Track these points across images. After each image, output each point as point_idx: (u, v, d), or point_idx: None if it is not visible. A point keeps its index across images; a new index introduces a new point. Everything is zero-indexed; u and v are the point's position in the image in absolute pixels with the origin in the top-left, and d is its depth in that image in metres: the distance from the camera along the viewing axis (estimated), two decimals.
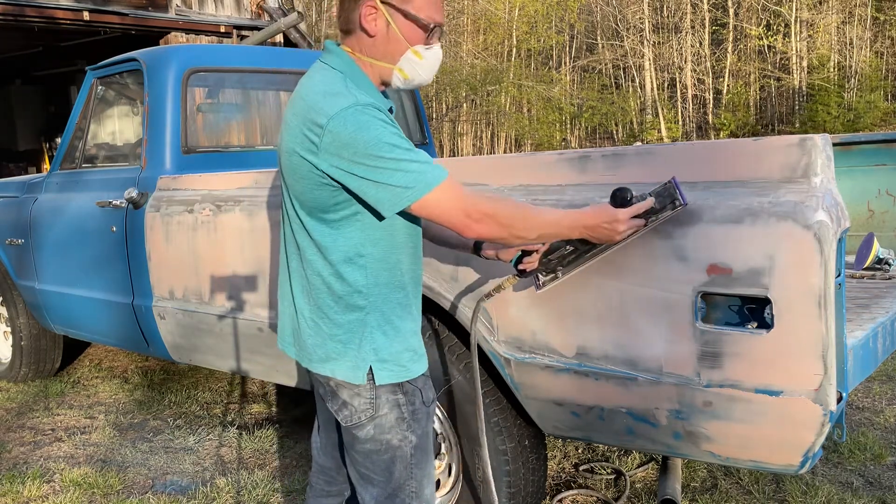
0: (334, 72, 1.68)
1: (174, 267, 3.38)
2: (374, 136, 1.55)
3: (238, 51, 4.26)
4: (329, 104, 1.58)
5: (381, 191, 1.58)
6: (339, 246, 1.68)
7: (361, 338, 1.71)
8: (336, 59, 1.70)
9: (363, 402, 1.74)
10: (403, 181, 1.56)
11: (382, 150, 1.55)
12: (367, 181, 1.57)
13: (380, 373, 1.72)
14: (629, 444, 2.18)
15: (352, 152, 1.56)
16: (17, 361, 4.82)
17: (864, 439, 3.43)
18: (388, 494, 1.80)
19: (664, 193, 1.77)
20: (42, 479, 3.41)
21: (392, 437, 1.76)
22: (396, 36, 1.68)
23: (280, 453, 3.61)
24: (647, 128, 28.26)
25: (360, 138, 1.55)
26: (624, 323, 2.00)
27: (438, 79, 24.46)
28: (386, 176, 1.56)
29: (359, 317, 1.71)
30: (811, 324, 1.74)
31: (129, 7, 9.10)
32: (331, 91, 1.60)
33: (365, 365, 1.71)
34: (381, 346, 1.72)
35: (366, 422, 1.75)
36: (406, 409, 1.76)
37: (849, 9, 27.42)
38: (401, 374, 1.74)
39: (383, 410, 1.74)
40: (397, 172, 1.56)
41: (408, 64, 1.70)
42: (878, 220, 3.52)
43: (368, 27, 1.67)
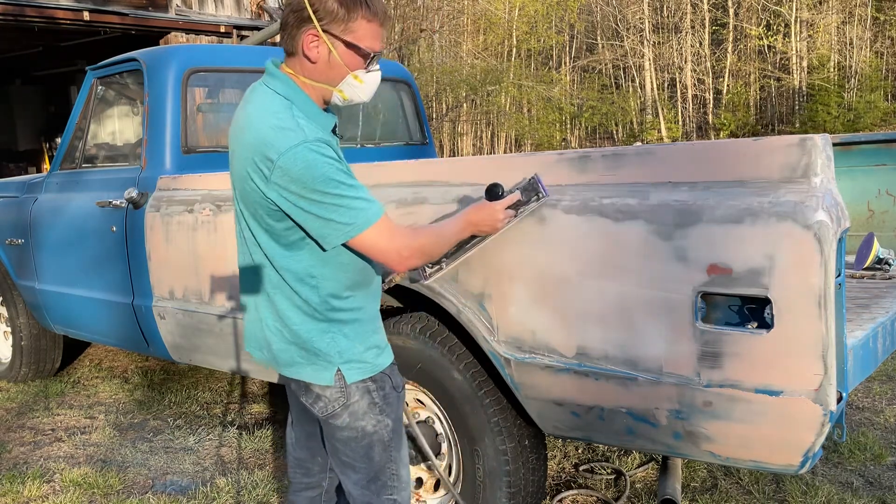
0: (279, 98, 1.75)
1: (174, 267, 3.38)
2: (321, 174, 1.64)
3: (238, 51, 4.26)
4: (280, 140, 1.66)
5: (324, 226, 1.68)
6: (291, 266, 1.78)
7: (325, 344, 1.80)
8: (279, 83, 1.77)
9: (334, 391, 1.83)
10: (344, 218, 1.67)
11: (328, 186, 1.65)
12: (312, 216, 1.68)
13: (348, 373, 1.82)
14: (629, 444, 2.18)
15: (300, 187, 1.65)
16: (17, 361, 4.82)
17: (864, 439, 3.43)
18: (369, 479, 1.88)
19: (529, 188, 2.02)
20: (42, 479, 3.41)
21: (367, 424, 1.85)
22: (337, 62, 1.75)
23: (280, 453, 3.61)
24: (647, 128, 28.26)
25: (308, 175, 1.64)
26: (624, 323, 2.00)
27: (438, 79, 24.45)
28: (328, 211, 1.66)
29: (318, 326, 1.80)
30: (811, 324, 1.74)
31: (129, 7, 9.10)
32: (281, 125, 1.68)
33: (332, 367, 1.81)
34: (345, 348, 1.82)
35: (340, 410, 1.83)
36: (377, 395, 1.86)
37: (849, 9, 27.41)
38: (368, 370, 1.85)
39: (355, 398, 1.83)
40: (339, 209, 1.66)
41: (348, 87, 1.79)
42: (878, 220, 3.52)
43: (310, 54, 1.74)
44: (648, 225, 1.93)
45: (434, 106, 25.31)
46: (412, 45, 24.45)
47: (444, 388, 2.51)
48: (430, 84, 24.11)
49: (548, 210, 2.12)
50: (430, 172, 2.47)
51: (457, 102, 25.97)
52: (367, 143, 4.48)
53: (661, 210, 1.92)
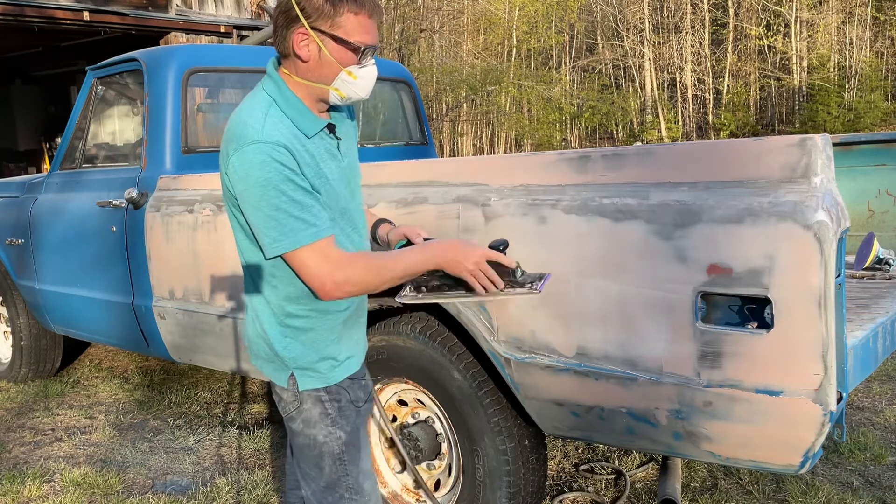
0: (264, 96, 1.74)
1: (174, 267, 3.38)
2: (263, 178, 1.62)
3: (238, 51, 4.26)
4: (240, 135, 1.66)
5: (258, 233, 1.68)
6: (255, 262, 1.78)
7: (281, 346, 1.80)
8: (271, 84, 1.77)
9: (289, 395, 1.84)
10: (274, 232, 1.65)
11: (268, 194, 1.63)
12: (250, 220, 1.68)
13: (301, 379, 1.82)
14: (629, 444, 2.18)
15: (242, 188, 1.65)
16: (17, 361, 4.82)
17: (864, 439, 3.43)
18: (322, 489, 1.87)
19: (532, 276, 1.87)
20: (42, 479, 3.41)
21: (318, 433, 1.84)
22: (328, 59, 1.72)
23: (280, 453, 3.61)
24: (647, 128, 28.26)
25: (252, 177, 1.63)
26: (624, 323, 2.00)
27: (438, 79, 24.45)
28: (262, 221, 1.65)
29: (277, 328, 1.80)
30: (811, 324, 1.74)
31: (129, 7, 9.10)
32: (247, 122, 1.67)
33: (287, 370, 1.82)
34: (299, 354, 1.81)
35: (295, 414, 1.84)
36: (331, 406, 1.84)
37: (849, 9, 27.42)
38: (321, 381, 1.83)
39: (307, 405, 1.83)
40: (271, 221, 1.64)
41: (342, 84, 1.75)
42: (878, 220, 3.52)
43: (301, 53, 1.72)
44: (648, 225, 1.93)
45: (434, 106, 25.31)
46: (412, 45, 24.46)
47: (444, 388, 2.51)
48: (430, 84, 24.11)
49: (548, 210, 2.12)
50: (430, 172, 2.47)
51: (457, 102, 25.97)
52: (367, 143, 4.48)
53: (661, 210, 1.92)
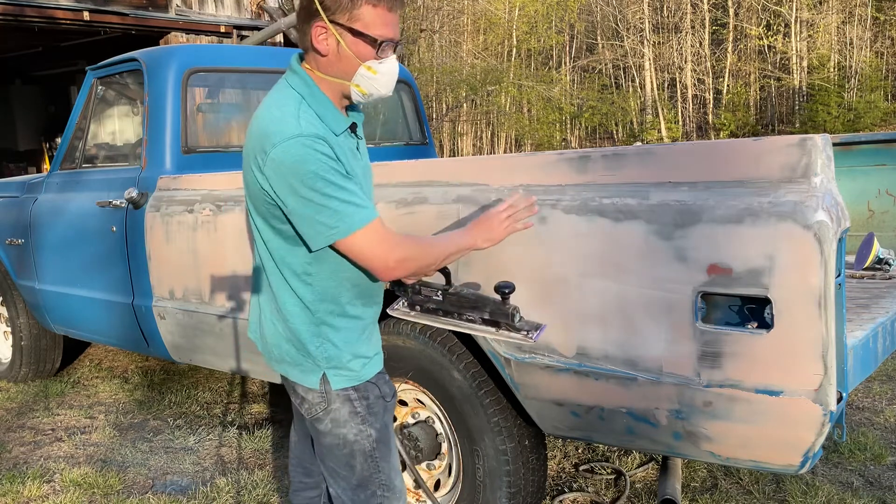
0: (292, 92, 1.73)
1: (174, 267, 3.38)
2: (310, 170, 1.61)
3: (238, 51, 4.26)
4: (276, 131, 1.64)
5: (308, 225, 1.66)
6: (289, 261, 1.76)
7: (315, 346, 1.78)
8: (296, 78, 1.75)
9: (316, 396, 1.81)
10: (329, 220, 1.64)
11: (316, 184, 1.62)
12: (298, 213, 1.65)
13: (334, 379, 1.80)
14: (629, 444, 2.18)
15: (288, 182, 1.63)
16: (17, 361, 4.82)
17: (864, 439, 3.43)
18: (354, 487, 1.86)
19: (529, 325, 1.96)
20: (42, 479, 3.41)
21: (348, 432, 1.82)
22: (347, 54, 1.71)
23: (280, 453, 3.61)
24: (647, 128, 28.26)
25: (297, 170, 1.61)
26: (624, 323, 2.00)
27: (438, 79, 24.45)
28: (313, 211, 1.63)
29: (310, 328, 1.78)
30: (811, 324, 1.74)
31: (129, 7, 9.10)
32: (281, 117, 1.66)
33: (319, 371, 1.80)
34: (333, 355, 1.79)
35: (322, 415, 1.82)
36: (360, 404, 1.82)
37: (849, 9, 27.41)
38: (353, 379, 1.82)
39: (335, 405, 1.81)
40: (325, 210, 1.63)
41: (363, 80, 1.74)
42: (878, 220, 3.52)
43: (320, 47, 1.71)
44: (648, 225, 1.93)
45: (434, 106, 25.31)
46: (412, 45, 24.45)
47: (444, 388, 2.51)
48: (430, 84, 24.11)
49: (548, 210, 2.12)
50: (430, 172, 2.47)
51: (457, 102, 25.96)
52: (367, 142, 4.47)
53: (661, 210, 1.92)
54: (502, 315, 1.97)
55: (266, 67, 4.08)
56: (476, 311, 2.02)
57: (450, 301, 2.04)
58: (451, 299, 2.04)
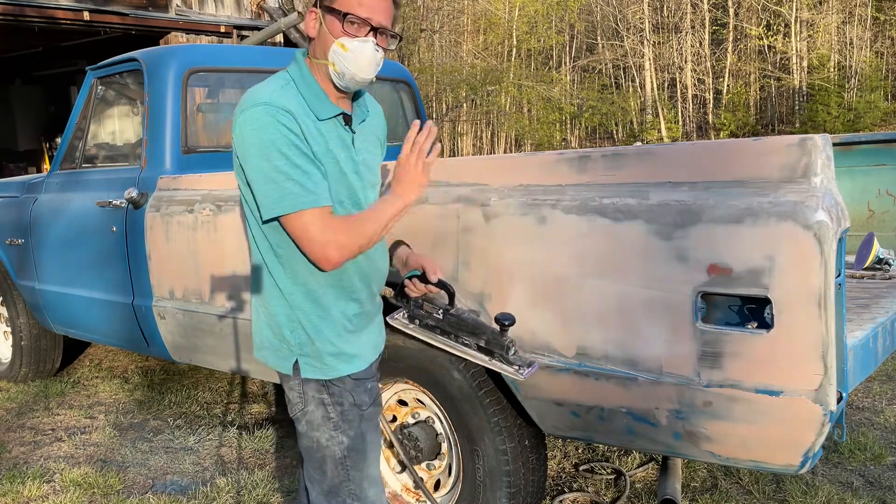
0: (284, 74, 1.78)
1: (174, 267, 3.38)
2: (267, 139, 1.64)
3: (238, 51, 4.26)
4: (248, 98, 1.69)
5: (258, 196, 1.68)
6: (263, 240, 1.78)
7: (289, 330, 1.79)
8: (294, 65, 1.80)
9: (295, 395, 1.83)
10: (274, 193, 1.65)
11: (270, 154, 1.64)
12: (251, 179, 1.68)
13: (304, 367, 1.81)
14: (629, 444, 2.18)
15: (247, 148, 1.66)
16: (17, 361, 4.82)
17: (864, 439, 3.42)
18: (325, 492, 1.86)
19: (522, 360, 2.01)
20: (42, 479, 3.41)
21: (321, 436, 1.83)
22: (324, 32, 1.75)
23: (280, 453, 3.61)
24: (647, 128, 28.26)
25: (256, 137, 1.64)
26: (624, 323, 2.00)
27: (438, 79, 24.45)
28: (263, 181, 1.66)
29: (286, 311, 1.79)
30: (811, 324, 1.74)
31: (129, 7, 9.10)
32: (259, 89, 1.71)
33: (292, 357, 1.81)
34: (304, 342, 1.80)
35: (300, 416, 1.84)
36: (333, 410, 1.82)
37: (849, 9, 27.41)
38: (324, 373, 1.82)
39: (310, 407, 1.82)
40: (272, 184, 1.65)
41: (336, 57, 1.75)
42: (878, 220, 3.53)
43: (310, 31, 1.78)
44: (648, 225, 1.93)
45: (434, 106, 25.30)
46: (412, 45, 24.45)
47: (444, 388, 2.51)
48: (430, 84, 24.11)
49: (548, 210, 2.12)
50: (430, 172, 2.46)
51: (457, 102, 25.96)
52: None
53: (661, 210, 1.92)
54: (498, 346, 2.02)
55: (266, 67, 4.07)
56: (473, 337, 2.07)
57: (449, 321, 2.07)
58: (450, 320, 2.08)
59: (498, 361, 2.03)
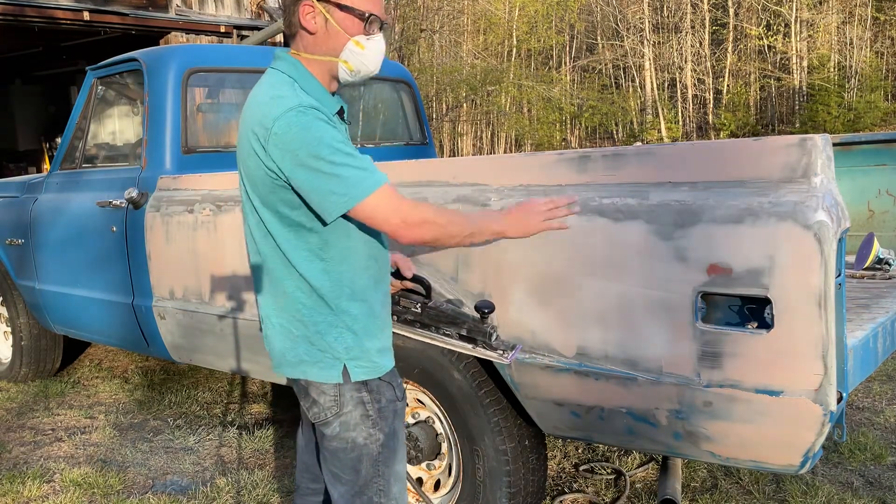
0: (282, 76, 1.73)
1: (174, 267, 3.38)
2: (314, 138, 1.60)
3: (238, 51, 4.26)
4: (274, 107, 1.63)
5: (320, 196, 1.63)
6: (300, 251, 1.73)
7: (333, 336, 1.76)
8: (284, 63, 1.75)
9: (328, 399, 1.78)
10: (339, 187, 1.62)
11: (322, 152, 1.60)
12: (307, 186, 1.63)
13: (355, 371, 1.77)
14: (629, 444, 2.18)
15: (293, 155, 1.61)
16: (17, 361, 4.82)
17: (864, 439, 3.42)
18: (354, 493, 1.83)
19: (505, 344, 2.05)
20: (42, 479, 3.41)
21: (357, 435, 1.79)
22: (335, 29, 1.72)
23: (280, 453, 3.61)
24: (647, 128, 28.26)
25: (301, 139, 1.60)
26: (624, 323, 2.00)
27: (438, 79, 24.45)
28: (323, 181, 1.61)
29: (327, 318, 1.75)
30: (811, 324, 1.74)
31: (129, 7, 9.10)
32: (277, 94, 1.66)
33: (339, 364, 1.76)
34: (352, 344, 1.77)
35: (332, 419, 1.79)
36: (371, 407, 1.80)
37: (849, 9, 27.41)
38: (374, 371, 1.80)
39: (347, 408, 1.78)
40: (334, 178, 1.61)
41: (351, 55, 1.75)
42: (878, 220, 3.52)
43: (308, 25, 1.72)
44: (648, 225, 1.93)
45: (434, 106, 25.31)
46: (412, 45, 24.45)
47: (444, 388, 2.51)
48: (430, 84, 24.10)
49: None
50: (430, 172, 2.47)
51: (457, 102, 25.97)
52: (367, 142, 4.48)
53: (661, 210, 1.92)
54: (479, 333, 2.02)
55: (266, 67, 4.07)
56: (454, 327, 2.07)
57: (428, 314, 2.08)
58: (429, 313, 2.08)
59: (481, 348, 2.04)
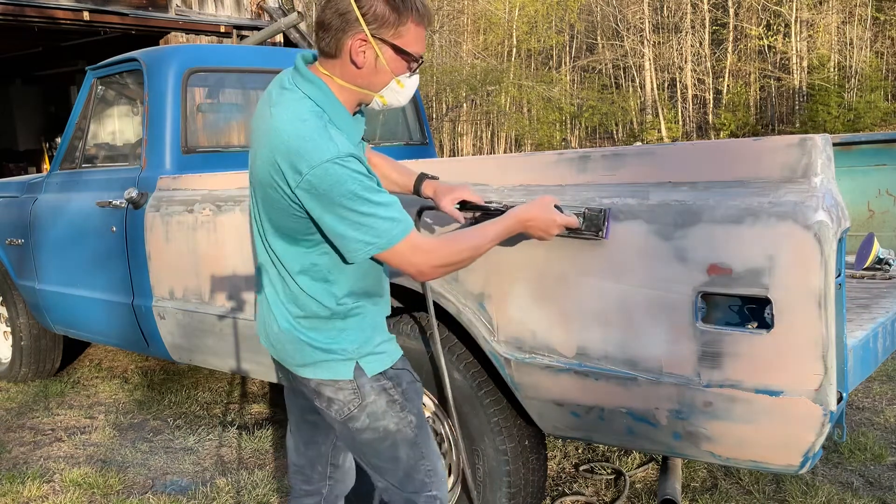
0: (309, 103, 1.67)
1: (174, 267, 3.38)
2: (349, 191, 1.60)
3: (238, 51, 4.26)
4: (310, 152, 1.59)
5: (347, 242, 1.64)
6: (309, 269, 1.74)
7: (346, 337, 1.77)
8: (312, 88, 1.70)
9: (347, 393, 1.78)
10: (366, 236, 1.63)
11: (355, 204, 1.60)
12: (334, 231, 1.64)
13: (368, 366, 1.78)
14: (629, 444, 2.18)
15: (324, 204, 1.61)
16: (17, 361, 4.82)
17: (864, 439, 3.43)
18: (400, 479, 1.84)
19: (593, 219, 1.93)
20: (42, 479, 3.41)
21: (388, 423, 1.79)
22: (384, 68, 1.71)
23: (280, 453, 3.61)
24: (647, 128, 28.28)
25: (335, 192, 1.60)
26: (624, 323, 2.00)
27: (438, 79, 24.47)
28: (351, 229, 1.62)
29: (338, 323, 1.78)
30: (811, 324, 1.74)
31: (129, 7, 9.10)
32: (310, 135, 1.61)
33: (351, 362, 1.77)
34: (364, 341, 1.79)
35: (357, 412, 1.78)
36: (395, 392, 1.81)
37: (849, 9, 27.43)
38: (386, 361, 1.82)
39: (370, 398, 1.78)
40: (362, 227, 1.62)
41: (390, 92, 1.77)
42: (878, 220, 3.52)
43: (357, 59, 1.69)
44: (648, 225, 1.93)
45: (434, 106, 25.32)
46: None
47: (445, 388, 2.51)
48: (430, 84, 24.12)
49: None
50: (430, 172, 2.47)
51: (457, 102, 25.98)
52: (367, 143, 4.47)
53: (661, 210, 1.92)
54: None
55: (266, 67, 4.08)
56: None
57: None
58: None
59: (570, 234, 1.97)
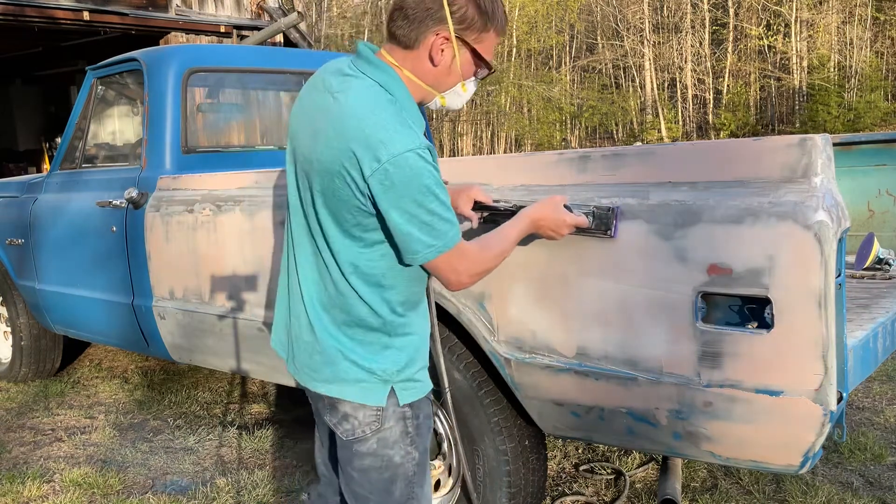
0: (381, 91, 1.61)
1: (174, 267, 3.38)
2: (423, 185, 1.54)
3: (238, 51, 4.26)
4: (390, 140, 1.53)
5: (408, 241, 1.58)
6: (365, 269, 1.65)
7: (383, 358, 1.67)
8: (382, 74, 1.64)
9: (368, 415, 1.67)
10: (428, 237, 1.57)
11: (425, 200, 1.55)
12: (399, 228, 1.57)
13: (403, 393, 1.69)
14: (629, 444, 2.18)
15: (399, 194, 1.53)
16: (17, 361, 4.82)
17: (864, 439, 3.43)
18: None
19: (602, 218, 1.95)
20: (42, 479, 3.41)
21: (395, 454, 1.70)
22: (457, 70, 1.68)
23: (280, 453, 3.61)
24: (647, 128, 28.29)
25: (412, 185, 1.53)
26: (624, 323, 2.00)
27: None
28: (416, 227, 1.56)
29: (380, 338, 1.68)
30: (811, 324, 1.74)
31: (129, 7, 9.10)
32: (387, 123, 1.55)
33: (386, 386, 1.67)
34: (404, 364, 1.69)
35: (370, 435, 1.69)
36: (411, 424, 1.72)
37: (849, 9, 27.43)
38: (420, 392, 1.73)
39: (389, 423, 1.68)
40: (426, 227, 1.56)
41: (452, 95, 1.73)
42: (878, 220, 3.52)
43: (435, 56, 1.65)
44: (648, 225, 1.93)
45: None
46: None
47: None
48: None
49: None
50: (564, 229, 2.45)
51: None
52: None
53: (661, 210, 1.92)
54: None
55: (266, 67, 4.08)
56: None
57: None
58: None
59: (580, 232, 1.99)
